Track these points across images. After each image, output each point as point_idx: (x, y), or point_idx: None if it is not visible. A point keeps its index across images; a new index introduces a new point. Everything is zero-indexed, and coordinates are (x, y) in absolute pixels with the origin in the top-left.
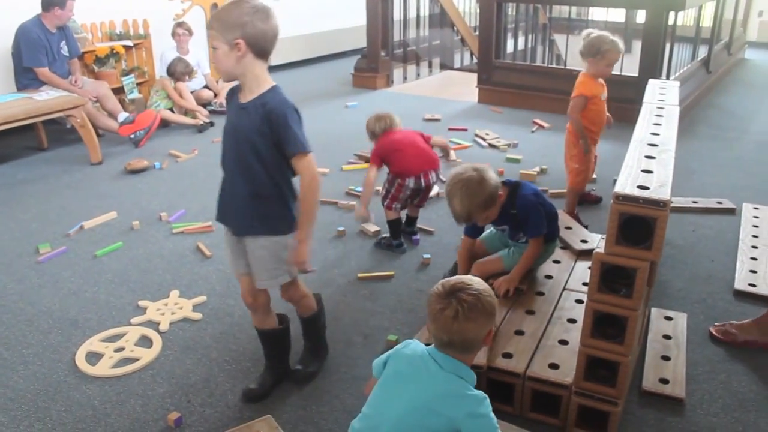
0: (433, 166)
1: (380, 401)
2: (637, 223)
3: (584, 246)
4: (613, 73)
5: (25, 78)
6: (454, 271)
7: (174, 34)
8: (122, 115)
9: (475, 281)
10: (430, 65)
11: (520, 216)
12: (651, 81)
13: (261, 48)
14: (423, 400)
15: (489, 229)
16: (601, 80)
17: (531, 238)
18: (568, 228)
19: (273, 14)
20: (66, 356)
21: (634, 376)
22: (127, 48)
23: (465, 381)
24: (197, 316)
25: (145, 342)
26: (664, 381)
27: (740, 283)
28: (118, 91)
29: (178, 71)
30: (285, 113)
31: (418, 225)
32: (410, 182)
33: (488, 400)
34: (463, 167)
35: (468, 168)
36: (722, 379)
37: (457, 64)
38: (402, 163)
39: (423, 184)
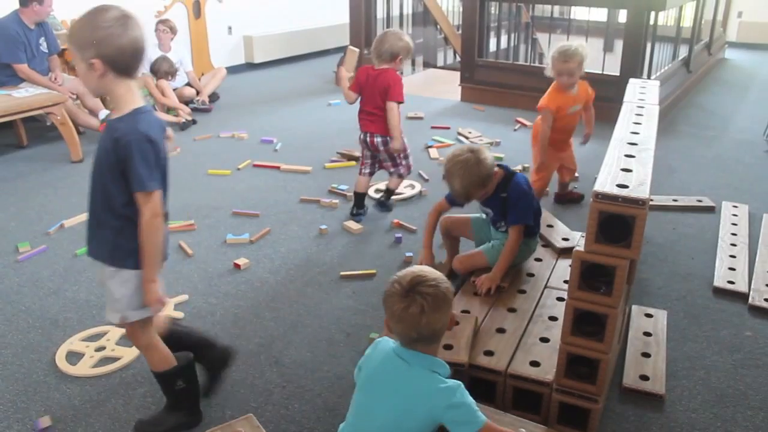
0: (377, 131)
1: (361, 409)
2: (617, 222)
3: (565, 244)
4: (595, 72)
5: (4, 74)
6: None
7: (155, 30)
8: (103, 113)
9: (427, 270)
10: (413, 63)
11: (510, 200)
12: (631, 80)
13: (121, 66)
14: (400, 402)
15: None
16: (574, 91)
17: (512, 226)
18: (550, 226)
19: (134, 24)
20: (46, 356)
21: (614, 373)
22: None
23: (437, 374)
24: (179, 314)
25: (126, 341)
26: (645, 378)
27: (719, 280)
28: None
29: (162, 70)
30: (130, 144)
31: (402, 223)
32: (361, 135)
33: (463, 386)
34: (459, 148)
35: (464, 150)
36: (701, 375)
37: (440, 63)
38: (359, 113)
39: (369, 143)
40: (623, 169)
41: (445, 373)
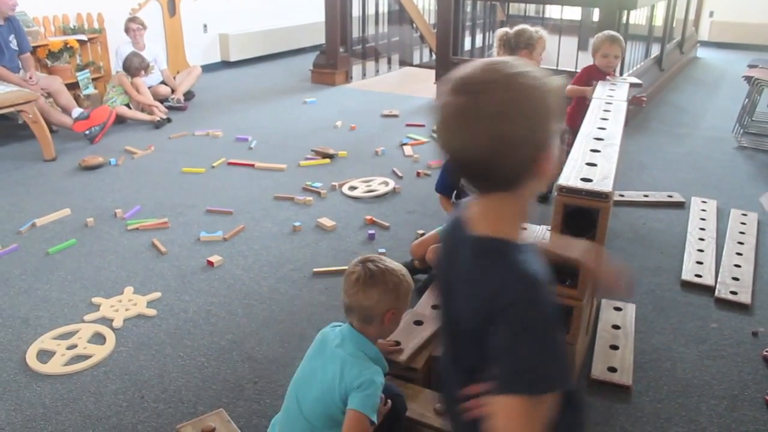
0: None
1: (300, 379)
2: (581, 215)
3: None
4: (569, 69)
5: None
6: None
7: (127, 30)
8: (77, 111)
9: (393, 264)
10: (389, 62)
11: None
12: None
13: None
14: (327, 375)
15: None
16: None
17: None
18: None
19: None
20: (16, 355)
21: (583, 365)
22: (81, 42)
23: (366, 355)
24: (151, 312)
25: (98, 339)
26: (612, 369)
27: (687, 274)
28: (73, 86)
29: (133, 66)
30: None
31: (375, 219)
32: None
33: (383, 380)
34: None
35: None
36: (667, 366)
37: (416, 61)
38: None
39: None
40: (588, 164)
41: (374, 358)
